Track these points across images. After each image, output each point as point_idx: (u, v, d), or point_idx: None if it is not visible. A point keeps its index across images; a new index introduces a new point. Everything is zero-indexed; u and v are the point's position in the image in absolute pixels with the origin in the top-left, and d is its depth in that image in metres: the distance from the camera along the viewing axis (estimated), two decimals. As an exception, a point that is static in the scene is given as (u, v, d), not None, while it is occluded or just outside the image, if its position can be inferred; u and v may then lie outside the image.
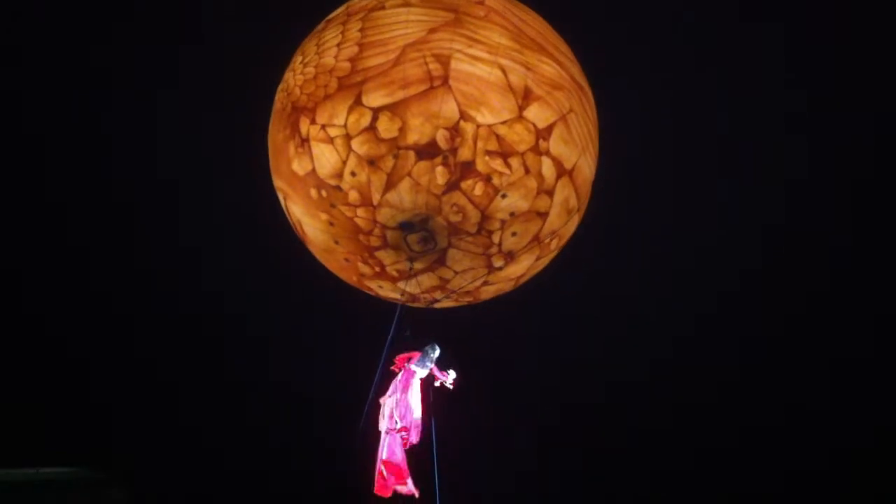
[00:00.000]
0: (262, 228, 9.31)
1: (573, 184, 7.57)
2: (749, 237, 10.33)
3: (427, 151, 7.00)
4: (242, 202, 9.89)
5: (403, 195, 7.13)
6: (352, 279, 8.12)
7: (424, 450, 7.66)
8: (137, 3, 9.85)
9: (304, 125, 7.24)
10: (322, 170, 7.24)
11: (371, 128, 6.98)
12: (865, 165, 9.96)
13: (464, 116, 6.98)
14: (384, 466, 7.45)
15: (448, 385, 7.69)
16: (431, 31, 7.08)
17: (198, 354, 10.58)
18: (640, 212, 10.31)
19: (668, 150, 10.12)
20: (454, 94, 6.96)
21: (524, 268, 7.99)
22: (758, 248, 10.37)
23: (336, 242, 7.63)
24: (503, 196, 7.21)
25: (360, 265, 7.76)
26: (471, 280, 7.76)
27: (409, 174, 7.04)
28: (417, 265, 7.57)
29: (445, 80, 6.97)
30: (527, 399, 10.69)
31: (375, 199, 7.17)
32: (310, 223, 7.69)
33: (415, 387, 7.63)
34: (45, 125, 9.98)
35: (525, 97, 7.13)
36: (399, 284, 7.80)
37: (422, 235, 7.36)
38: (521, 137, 7.12)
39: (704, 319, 10.45)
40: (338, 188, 7.24)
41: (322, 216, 7.48)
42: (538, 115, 7.18)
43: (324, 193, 7.33)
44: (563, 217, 7.68)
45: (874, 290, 10.27)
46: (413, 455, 7.56)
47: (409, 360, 7.69)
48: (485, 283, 7.91)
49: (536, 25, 7.54)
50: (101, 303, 10.45)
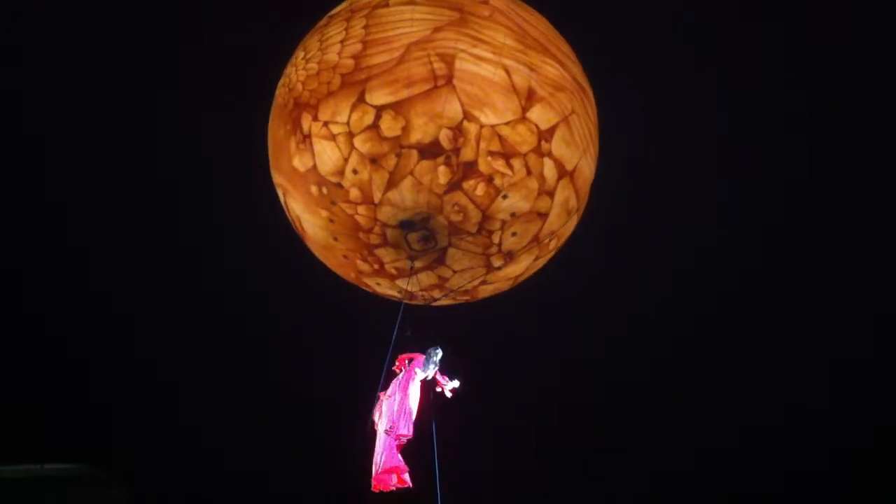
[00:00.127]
0: (262, 228, 9.32)
1: (573, 185, 7.59)
2: (749, 237, 10.32)
3: (430, 151, 7.01)
4: (242, 202, 9.88)
5: (405, 194, 7.13)
6: (350, 276, 8.12)
7: (424, 450, 7.65)
8: (137, 3, 9.83)
9: (307, 121, 7.23)
10: (323, 167, 7.25)
11: (374, 126, 6.98)
12: (865, 165, 9.96)
13: (467, 117, 6.99)
14: (381, 466, 7.42)
15: (447, 393, 7.67)
16: (436, 30, 7.08)
17: (198, 354, 10.58)
18: (640, 212, 10.30)
19: (668, 150, 10.11)
20: (458, 94, 6.97)
21: (522, 267, 8.00)
22: (758, 248, 10.36)
23: (335, 239, 7.63)
24: (504, 197, 7.22)
25: (359, 262, 7.76)
26: (469, 279, 7.76)
27: (412, 173, 7.05)
28: (417, 264, 7.58)
29: (449, 80, 6.98)
30: (526, 398, 10.69)
31: (377, 198, 7.18)
32: (309, 220, 7.69)
33: (414, 389, 7.60)
34: (45, 125, 9.96)
35: (528, 98, 7.14)
36: (398, 282, 7.80)
37: (422, 234, 7.36)
38: (524, 139, 7.13)
39: (704, 319, 10.45)
40: (339, 185, 7.24)
41: (322, 213, 7.48)
42: (541, 117, 7.20)
43: (324, 190, 7.32)
44: (563, 217, 7.70)
45: (874, 290, 10.28)
46: (413, 455, 7.53)
47: (411, 361, 7.67)
48: (483, 283, 7.92)
49: (539, 26, 7.55)
50: (101, 303, 10.44)
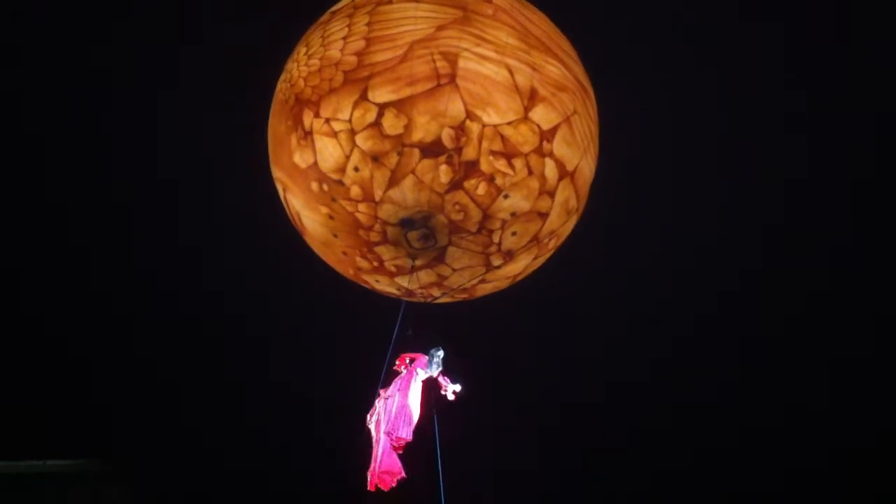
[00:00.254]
0: (262, 228, 9.32)
1: (574, 185, 7.59)
2: (749, 237, 10.32)
3: (432, 150, 7.00)
4: (242, 202, 9.88)
5: (406, 192, 7.12)
6: (348, 272, 8.11)
7: (424, 450, 7.64)
8: (137, 3, 9.83)
9: (308, 118, 7.22)
10: (324, 164, 7.23)
11: (376, 124, 6.98)
12: (865, 165, 9.97)
13: (470, 116, 6.97)
14: (379, 466, 7.40)
15: (449, 397, 7.65)
16: (440, 29, 7.06)
17: (198, 354, 10.56)
18: (640, 212, 10.31)
19: (668, 150, 10.12)
20: (461, 93, 6.96)
21: (521, 266, 8.00)
22: (758, 248, 10.36)
23: (335, 236, 7.62)
24: (506, 196, 7.22)
25: (358, 259, 7.75)
26: (468, 278, 7.76)
27: (413, 171, 7.04)
28: (416, 262, 7.58)
29: (453, 79, 6.96)
30: (526, 398, 10.68)
31: (378, 195, 7.17)
32: (309, 216, 7.68)
33: (415, 389, 7.59)
34: (45, 125, 9.96)
35: (531, 98, 7.14)
36: (398, 280, 7.80)
37: (422, 233, 7.36)
38: (526, 139, 7.13)
39: (704, 319, 10.45)
40: (340, 183, 7.24)
41: (322, 209, 7.47)
42: (543, 117, 7.19)
43: (325, 187, 7.31)
44: (563, 217, 7.71)
45: (874, 290, 10.28)
46: (413, 455, 7.52)
47: (412, 361, 7.66)
48: (482, 282, 7.92)
49: (542, 25, 7.55)
50: (101, 303, 10.42)
